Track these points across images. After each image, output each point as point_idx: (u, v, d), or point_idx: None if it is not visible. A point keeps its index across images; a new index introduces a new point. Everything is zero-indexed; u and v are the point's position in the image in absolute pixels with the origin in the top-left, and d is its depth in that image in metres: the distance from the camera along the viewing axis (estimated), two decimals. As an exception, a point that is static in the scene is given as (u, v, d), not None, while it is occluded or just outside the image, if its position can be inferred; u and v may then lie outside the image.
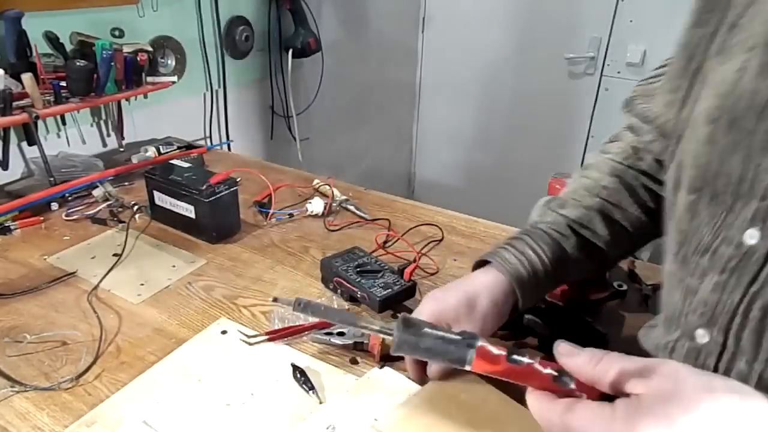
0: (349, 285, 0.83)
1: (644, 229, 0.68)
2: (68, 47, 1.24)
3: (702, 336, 0.46)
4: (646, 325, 0.66)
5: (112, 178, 1.20)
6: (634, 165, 0.68)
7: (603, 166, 0.69)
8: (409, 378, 0.68)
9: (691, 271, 0.48)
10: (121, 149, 1.40)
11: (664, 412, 0.36)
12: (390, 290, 0.80)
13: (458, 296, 0.62)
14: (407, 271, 0.86)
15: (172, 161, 1.09)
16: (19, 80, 1.08)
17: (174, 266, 0.94)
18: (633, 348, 0.66)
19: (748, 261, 0.42)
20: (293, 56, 1.98)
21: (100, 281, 0.88)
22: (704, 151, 0.46)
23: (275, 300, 0.60)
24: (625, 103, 0.72)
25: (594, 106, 2.07)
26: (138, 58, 1.27)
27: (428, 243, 1.02)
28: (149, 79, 1.33)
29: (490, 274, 0.64)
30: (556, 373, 0.45)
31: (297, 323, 0.77)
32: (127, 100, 1.34)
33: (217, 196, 0.99)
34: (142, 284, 0.88)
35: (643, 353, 0.64)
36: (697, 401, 0.36)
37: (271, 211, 1.11)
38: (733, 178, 0.44)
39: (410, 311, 0.82)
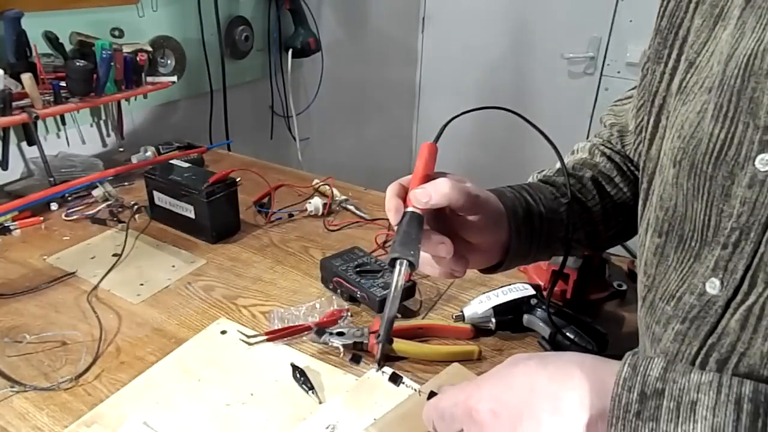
0: (348, 285, 0.82)
1: (631, 214, 0.64)
2: (68, 47, 1.24)
3: None
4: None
5: (111, 178, 1.20)
6: (621, 151, 0.68)
7: (592, 148, 0.70)
8: (409, 378, 0.68)
9: (657, 318, 0.48)
10: (121, 149, 1.40)
11: (478, 380, 0.45)
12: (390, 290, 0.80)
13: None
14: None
15: (171, 161, 1.09)
16: (19, 80, 1.08)
17: (174, 266, 0.94)
18: (632, 348, 0.66)
19: (707, 311, 0.42)
20: (293, 56, 1.98)
21: (100, 281, 0.88)
22: (671, 193, 0.46)
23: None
24: (600, 118, 0.73)
25: (594, 106, 2.07)
26: (138, 58, 1.27)
27: (428, 243, 1.02)
28: (149, 79, 1.33)
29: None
30: None
31: (297, 323, 0.77)
32: (127, 100, 1.34)
33: (217, 196, 0.99)
34: (142, 284, 0.88)
35: None
36: (499, 368, 0.44)
37: (271, 211, 1.11)
38: (698, 224, 0.43)
39: (411, 311, 0.82)
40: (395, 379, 0.55)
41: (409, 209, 0.50)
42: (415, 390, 0.52)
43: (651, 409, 0.36)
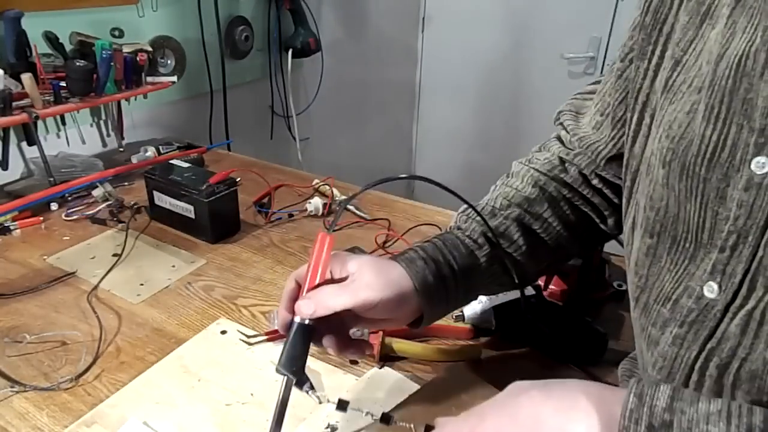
0: (348, 285, 0.82)
1: (563, 244, 0.64)
2: (68, 47, 1.24)
3: None
4: (629, 357, 0.66)
5: (111, 178, 1.20)
6: (557, 177, 0.65)
7: (527, 175, 0.66)
8: (409, 378, 0.69)
9: (652, 320, 0.48)
10: (121, 149, 1.40)
11: (479, 412, 0.44)
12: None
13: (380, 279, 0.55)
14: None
15: (171, 161, 1.09)
16: (19, 80, 1.08)
17: (173, 266, 0.94)
18: (632, 348, 0.66)
19: (706, 315, 0.42)
20: (293, 56, 1.98)
21: (100, 281, 0.88)
22: (662, 193, 0.46)
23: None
24: (556, 115, 0.70)
25: (594, 106, 2.08)
26: (138, 58, 1.27)
27: (428, 243, 1.02)
28: (149, 79, 1.33)
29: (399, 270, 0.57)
30: None
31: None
32: (127, 100, 1.34)
33: (217, 196, 0.99)
34: (142, 284, 0.88)
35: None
36: (501, 398, 0.44)
37: (271, 211, 1.11)
38: (692, 225, 0.43)
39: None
40: (387, 419, 0.56)
41: (297, 319, 0.52)
42: (409, 427, 0.53)
43: None
